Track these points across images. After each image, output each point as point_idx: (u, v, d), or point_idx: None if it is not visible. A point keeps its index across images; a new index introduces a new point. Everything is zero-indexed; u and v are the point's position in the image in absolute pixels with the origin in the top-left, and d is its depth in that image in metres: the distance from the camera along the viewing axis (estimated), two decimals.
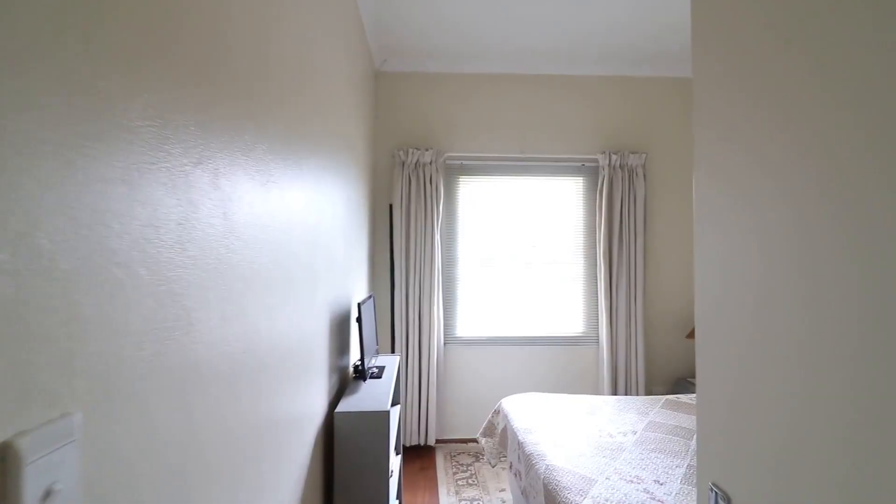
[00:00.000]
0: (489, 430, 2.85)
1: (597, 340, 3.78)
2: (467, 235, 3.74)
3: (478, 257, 3.75)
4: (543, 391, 3.73)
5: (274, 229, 1.24)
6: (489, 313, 3.75)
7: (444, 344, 3.66)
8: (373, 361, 2.43)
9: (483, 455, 3.29)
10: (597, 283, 3.75)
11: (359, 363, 2.19)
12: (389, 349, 3.62)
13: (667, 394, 3.82)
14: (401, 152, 3.52)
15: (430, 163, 3.54)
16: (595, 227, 3.77)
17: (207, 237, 0.85)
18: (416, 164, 3.54)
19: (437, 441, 3.60)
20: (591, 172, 3.80)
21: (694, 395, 2.93)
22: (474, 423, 3.65)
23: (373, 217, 3.61)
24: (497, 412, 2.84)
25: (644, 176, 3.70)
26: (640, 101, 3.81)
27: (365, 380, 2.15)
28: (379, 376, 2.31)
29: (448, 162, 3.71)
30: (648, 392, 3.79)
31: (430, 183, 3.53)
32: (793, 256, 0.61)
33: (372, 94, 3.49)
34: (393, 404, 2.64)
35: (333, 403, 2.00)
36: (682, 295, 3.85)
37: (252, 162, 1.09)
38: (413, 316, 3.49)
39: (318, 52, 1.74)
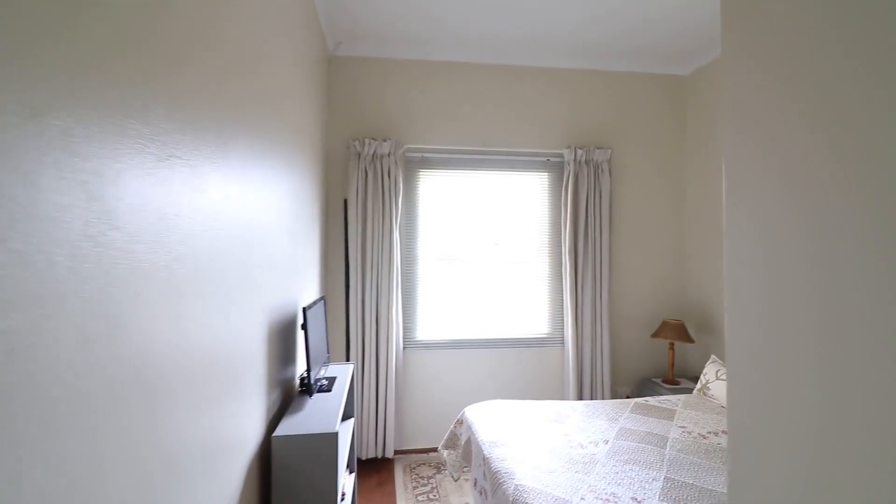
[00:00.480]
0: (451, 442, 2.64)
1: (562, 341, 3.65)
2: (428, 233, 3.52)
3: (439, 256, 3.54)
4: (508, 395, 3.57)
5: (182, 219, 0.98)
6: (451, 315, 3.55)
7: (404, 348, 3.43)
8: (322, 372, 2.17)
9: (445, 466, 3.09)
10: (562, 282, 3.63)
11: (305, 376, 1.92)
12: (344, 356, 3.35)
13: (632, 394, 3.75)
14: (356, 143, 3.25)
15: (389, 155, 3.29)
16: (560, 225, 3.64)
17: (58, 226, 0.60)
18: (373, 155, 3.29)
19: (396, 452, 3.36)
20: (556, 168, 3.67)
21: (662, 397, 2.84)
22: (436, 431, 3.44)
23: (326, 212, 3.33)
24: (460, 422, 2.64)
25: (609, 172, 3.60)
26: (605, 95, 3.72)
27: (311, 395, 1.89)
28: (329, 389, 2.05)
29: (408, 154, 3.48)
30: (614, 393, 3.70)
31: (389, 176, 3.29)
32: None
33: (324, 80, 3.21)
34: (345, 418, 2.39)
35: (273, 424, 1.74)
36: (647, 293, 3.78)
37: (144, 127, 0.83)
38: (370, 319, 3.24)
39: (250, 21, 1.47)
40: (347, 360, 3.32)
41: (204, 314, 1.10)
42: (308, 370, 1.86)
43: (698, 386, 2.90)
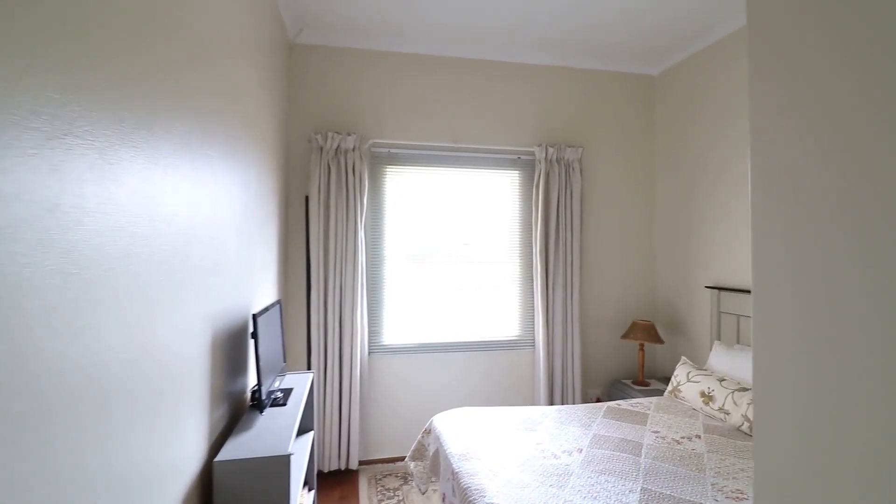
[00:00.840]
0: (419, 453, 2.50)
1: (533, 344, 3.57)
2: (395, 232, 3.37)
3: (407, 256, 3.39)
4: (479, 399, 3.45)
5: (87, 213, 0.80)
6: (419, 318, 3.41)
7: (369, 353, 3.27)
8: (277, 384, 1.99)
9: (413, 477, 2.94)
10: (533, 282, 3.54)
11: (257, 389, 1.74)
12: (305, 363, 3.15)
13: (602, 396, 3.71)
14: (319, 136, 3.07)
15: (353, 149, 3.12)
16: (531, 224, 3.56)
17: None
18: (336, 150, 3.11)
19: (361, 462, 3.20)
20: (527, 166, 3.58)
21: (634, 400, 2.79)
22: (404, 439, 3.29)
23: (286, 210, 3.13)
24: (428, 432, 2.50)
25: (580, 171, 3.54)
26: (577, 93, 3.66)
27: (263, 410, 1.71)
28: (283, 403, 1.88)
29: (374, 149, 3.31)
30: (584, 395, 3.65)
31: (353, 172, 3.12)
32: None
33: (284, 68, 3.01)
34: (303, 433, 2.21)
35: (217, 446, 1.55)
36: (617, 294, 3.75)
37: (22, 95, 0.65)
38: (333, 323, 3.06)
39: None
40: (308, 367, 3.13)
41: (120, 327, 0.92)
42: (259, 383, 1.68)
43: (669, 388, 2.87)
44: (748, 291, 2.87)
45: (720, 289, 3.08)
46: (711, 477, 1.84)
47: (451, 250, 3.47)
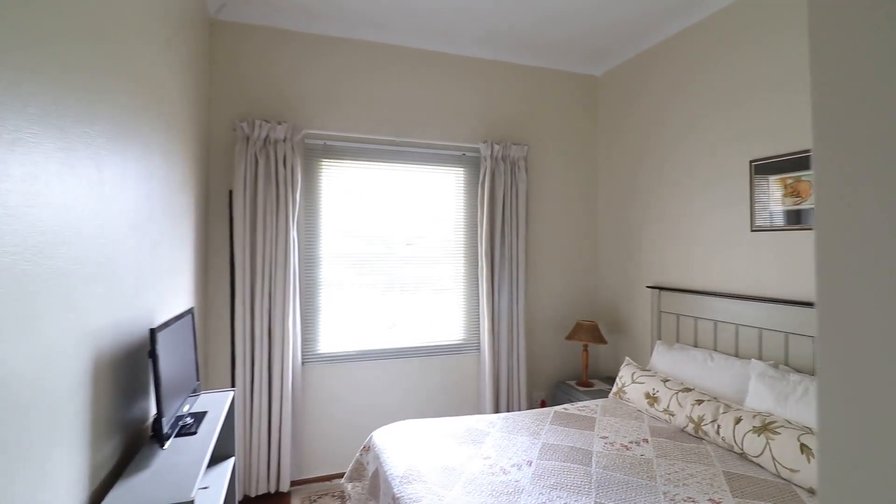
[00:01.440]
0: (357, 473, 2.29)
1: (478, 347, 3.45)
2: (331, 231, 3.12)
3: (344, 257, 3.15)
4: (423, 407, 3.28)
5: None
6: (358, 324, 3.18)
7: (303, 363, 2.99)
8: (187, 408, 1.71)
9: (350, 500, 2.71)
10: (478, 284, 3.42)
11: (160, 418, 1.46)
12: (229, 380, 2.83)
13: (547, 398, 3.66)
14: (244, 124, 2.76)
15: (285, 140, 2.84)
16: (476, 224, 3.44)
17: None
18: (265, 140, 2.81)
19: (294, 483, 2.92)
20: (472, 163, 3.45)
21: (580, 403, 2.73)
22: (341, 454, 3.05)
23: (205, 205, 2.79)
24: (367, 449, 2.29)
25: (526, 170, 3.46)
26: (522, 90, 3.58)
27: (164, 444, 1.44)
28: (193, 431, 1.60)
29: (307, 141, 3.04)
30: (530, 399, 3.58)
31: (285, 165, 2.84)
32: None
33: (203, 46, 2.67)
34: (221, 460, 1.93)
35: (103, 492, 1.27)
36: (561, 294, 3.71)
37: None
38: (261, 332, 2.76)
39: None
40: (233, 383, 2.81)
41: None
42: (159, 412, 1.40)
43: (614, 389, 2.84)
44: (687, 291, 2.90)
45: (661, 288, 3.11)
46: (663, 485, 1.78)
47: (393, 251, 3.27)
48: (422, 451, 2.07)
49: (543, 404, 3.64)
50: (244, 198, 2.76)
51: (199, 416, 1.73)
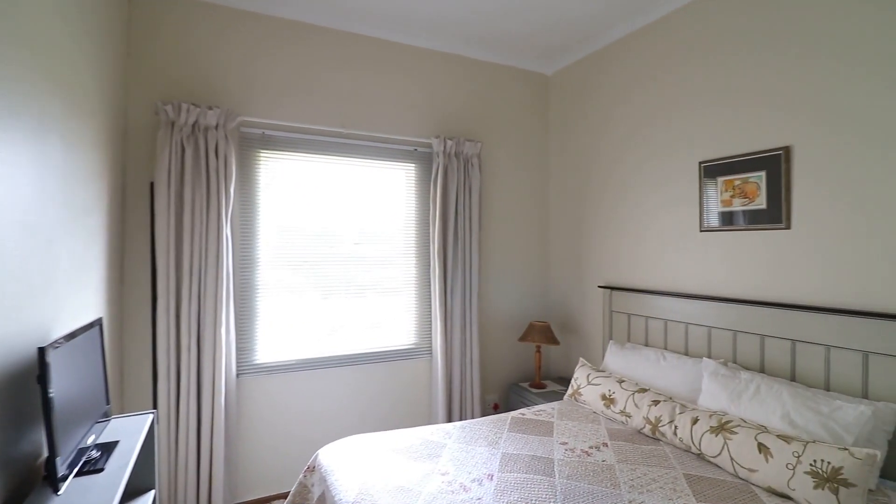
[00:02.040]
0: (300, 497, 2.07)
1: (430, 351, 3.30)
2: (271, 229, 2.85)
3: (285, 258, 2.89)
4: (373, 417, 3.08)
5: None
6: (301, 330, 2.93)
7: (238, 375, 2.71)
8: (91, 440, 1.43)
9: None
10: (430, 285, 3.27)
11: (53, 458, 1.19)
12: (151, 399, 2.50)
13: (499, 401, 3.58)
14: (169, 107, 2.44)
15: (217, 127, 2.55)
16: (429, 223, 3.29)
17: None
18: (193, 126, 2.51)
19: None
20: (424, 159, 3.30)
21: (536, 407, 2.66)
22: (283, 473, 2.80)
23: (121, 198, 2.44)
24: (311, 469, 2.08)
25: (479, 167, 3.36)
26: (475, 85, 3.47)
27: (58, 489, 1.17)
28: (100, 468, 1.33)
29: (243, 129, 2.76)
30: (483, 403, 3.48)
31: (216, 155, 2.55)
32: None
33: (120, 16, 2.33)
34: (134, 497, 1.65)
35: None
36: (515, 295, 3.65)
37: None
38: (189, 342, 2.46)
39: None
40: (155, 403, 2.48)
41: None
42: (52, 450, 1.13)
43: (570, 391, 2.80)
44: (639, 290, 2.92)
45: (612, 288, 3.11)
46: (627, 492, 1.72)
47: (340, 251, 3.05)
48: (374, 469, 1.89)
49: (496, 408, 3.56)
50: (168, 191, 2.44)
51: (108, 448, 1.46)
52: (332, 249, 3.02)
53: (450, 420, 3.21)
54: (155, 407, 2.46)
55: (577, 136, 3.53)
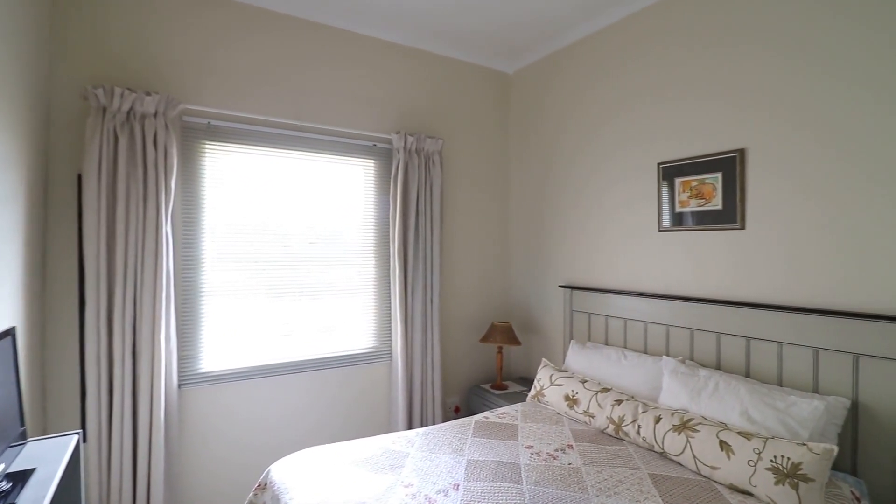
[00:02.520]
0: None
1: (390, 355, 3.19)
2: (217, 227, 2.64)
3: (233, 258, 2.69)
4: (330, 428, 2.93)
5: None
6: (251, 335, 2.74)
7: (180, 386, 2.49)
8: (1, 468, 1.23)
9: None
10: (390, 286, 3.16)
11: None
12: (78, 417, 2.24)
13: (461, 403, 3.52)
14: (100, 91, 2.19)
15: (156, 115, 2.33)
16: (388, 221, 3.17)
17: None
18: (129, 113, 2.27)
19: None
20: (383, 155, 3.18)
21: (500, 410, 2.61)
22: (230, 492, 2.60)
23: (43, 191, 2.18)
24: (262, 487, 1.93)
25: (441, 165, 3.28)
26: (437, 81, 3.39)
27: None
28: (10, 503, 1.14)
29: (186, 118, 2.54)
30: (444, 405, 3.40)
31: (155, 146, 2.32)
32: None
33: None
34: None
35: None
36: (475, 296, 3.60)
37: None
38: (123, 351, 2.23)
39: None
40: (83, 421, 2.23)
41: None
42: None
43: (533, 392, 2.77)
44: (599, 290, 2.93)
45: (573, 287, 3.12)
46: (595, 496, 1.69)
47: (294, 250, 2.88)
48: (332, 485, 1.77)
49: (457, 410, 3.49)
50: (99, 184, 2.20)
51: (22, 477, 1.26)
52: (286, 249, 2.85)
53: (410, 426, 3.12)
54: (83, 426, 2.21)
55: (536, 136, 3.52)
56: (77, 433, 1.62)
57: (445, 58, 3.43)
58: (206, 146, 2.60)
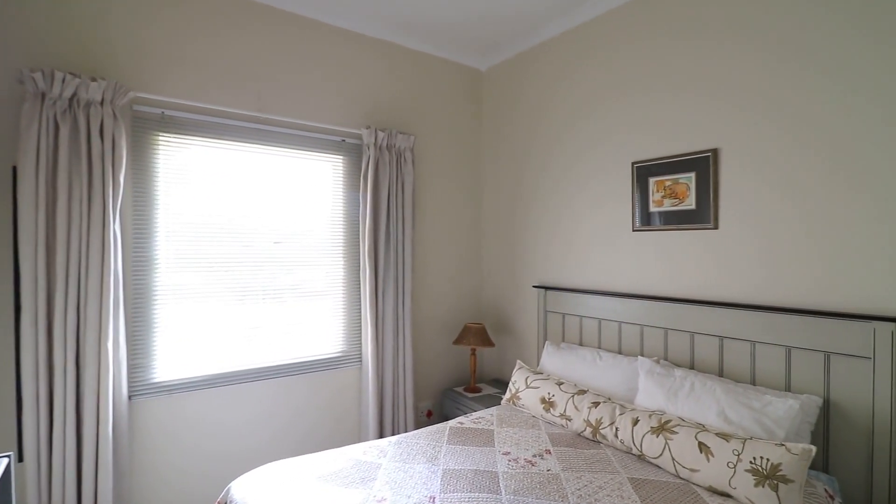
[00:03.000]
0: None
1: (360, 359, 3.07)
2: (173, 226, 2.46)
3: (190, 259, 2.51)
4: (296, 439, 2.79)
5: None
6: (210, 340, 2.57)
7: (131, 398, 2.30)
8: None
9: None
10: (360, 288, 3.04)
11: None
12: (15, 438, 2.02)
13: (433, 407, 3.43)
14: (38, 75, 1.99)
15: (102, 103, 2.13)
16: (358, 220, 3.05)
17: None
18: (71, 100, 2.08)
19: None
20: (353, 151, 3.06)
21: (475, 415, 2.54)
22: None
23: None
24: None
25: (413, 162, 3.18)
26: (408, 76, 3.29)
27: None
28: None
29: (138, 108, 2.35)
30: (416, 410, 3.31)
31: (102, 136, 2.13)
32: None
33: None
34: None
35: None
36: (448, 297, 3.52)
37: None
38: (64, 361, 2.03)
39: None
40: (19, 440, 2.02)
41: None
42: None
43: (508, 395, 2.71)
44: (574, 290, 2.91)
45: (547, 288, 3.08)
46: (576, 503, 1.64)
47: (257, 250, 2.72)
48: (299, 503, 1.65)
49: (430, 415, 3.40)
50: (37, 177, 2.00)
51: None
52: (248, 249, 2.69)
53: (381, 433, 3.00)
54: (19, 445, 2.00)
55: (509, 134, 3.47)
56: (7, 455, 1.44)
57: (417, 52, 3.33)
58: (161, 138, 2.42)
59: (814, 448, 1.55)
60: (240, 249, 2.65)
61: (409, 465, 1.95)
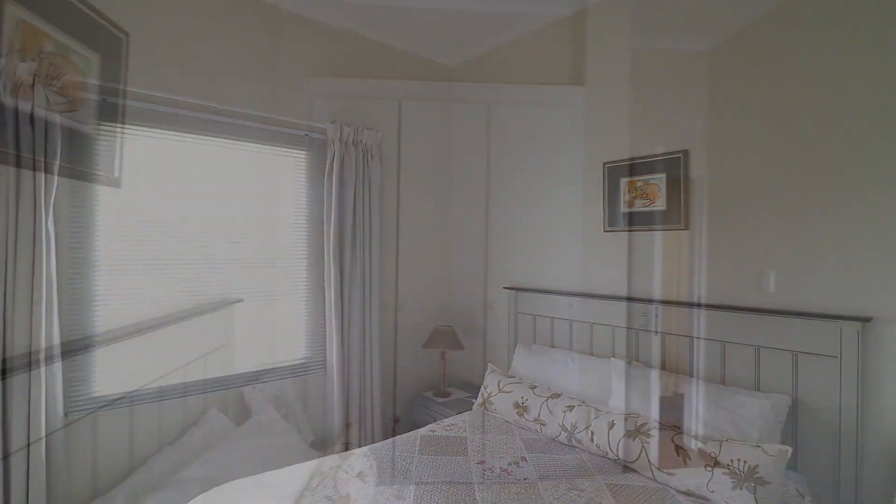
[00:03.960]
0: None
1: (324, 365, 2.92)
2: (117, 224, 2.24)
3: (138, 260, 2.30)
4: (257, 454, 2.61)
5: None
6: (161, 348, 2.36)
7: (67, 415, 2.07)
8: None
9: None
10: (325, 290, 2.89)
11: None
12: None
13: (402, 414, 3.32)
14: None
15: (33, 86, 1.91)
16: (322, 219, 2.90)
17: None
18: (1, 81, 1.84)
19: None
20: (317, 147, 2.91)
21: (447, 421, 2.46)
22: None
23: None
24: None
25: (380, 159, 3.06)
26: (374, 69, 3.17)
27: None
28: None
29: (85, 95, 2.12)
30: (384, 418, 3.18)
31: (32, 125, 1.90)
32: None
33: None
34: None
35: None
36: (417, 299, 3.42)
37: None
38: None
39: None
40: None
41: None
42: None
43: (480, 400, 2.64)
44: (545, 291, 2.87)
45: (518, 289, 3.04)
46: None
47: (213, 250, 2.53)
48: None
49: (397, 422, 3.29)
50: None
51: None
52: (204, 249, 2.49)
53: (347, 443, 2.87)
54: None
55: (480, 134, 3.41)
56: None
57: (386, 45, 3.21)
58: (103, 128, 2.20)
59: (789, 449, 1.56)
60: (195, 249, 2.46)
61: (379, 479, 1.84)
